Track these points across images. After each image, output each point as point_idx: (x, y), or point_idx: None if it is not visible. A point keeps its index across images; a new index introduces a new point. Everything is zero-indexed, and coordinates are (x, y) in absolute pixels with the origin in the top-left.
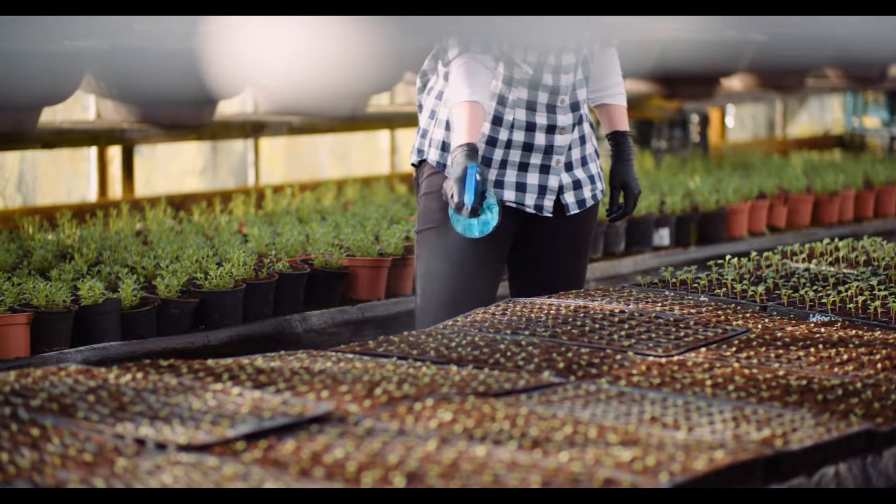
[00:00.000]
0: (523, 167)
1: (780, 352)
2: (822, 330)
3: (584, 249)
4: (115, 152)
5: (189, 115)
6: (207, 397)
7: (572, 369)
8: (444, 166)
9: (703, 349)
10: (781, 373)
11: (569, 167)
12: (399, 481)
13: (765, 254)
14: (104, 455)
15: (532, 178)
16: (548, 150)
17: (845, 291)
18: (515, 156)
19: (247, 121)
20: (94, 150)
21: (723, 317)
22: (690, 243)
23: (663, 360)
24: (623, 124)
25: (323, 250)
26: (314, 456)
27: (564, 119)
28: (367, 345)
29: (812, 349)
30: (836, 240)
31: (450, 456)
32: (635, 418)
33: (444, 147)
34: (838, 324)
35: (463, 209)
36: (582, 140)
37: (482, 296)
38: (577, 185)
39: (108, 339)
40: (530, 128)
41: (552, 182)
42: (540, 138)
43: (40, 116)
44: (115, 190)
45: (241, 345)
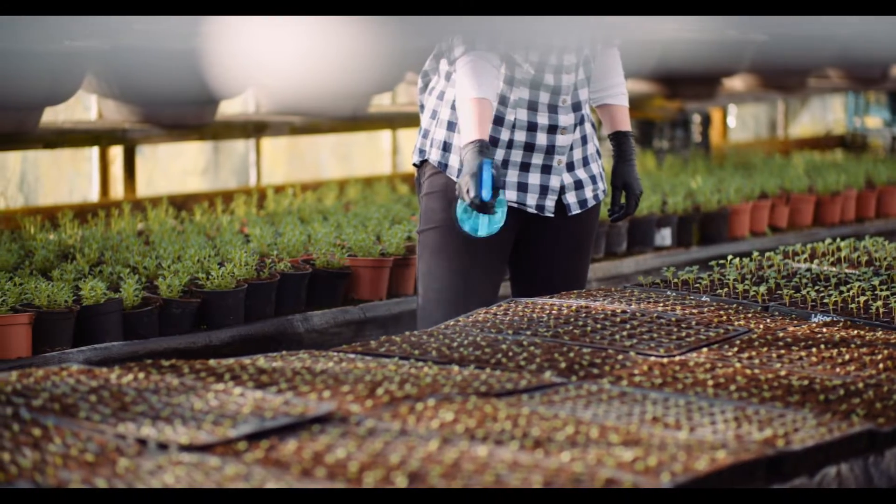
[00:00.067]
0: (525, 167)
1: (782, 352)
2: (824, 330)
3: (585, 249)
4: (116, 152)
5: (191, 115)
6: (209, 397)
7: (574, 369)
8: (445, 166)
9: (704, 349)
10: (783, 373)
11: (570, 167)
12: (401, 481)
13: (766, 254)
14: (106, 455)
15: (534, 179)
16: (549, 151)
17: (847, 291)
18: (517, 156)
19: (248, 121)
20: (95, 150)
21: (724, 317)
22: (692, 243)
23: (665, 360)
24: (625, 124)
25: (324, 250)
26: (316, 456)
27: (566, 119)
28: (368, 345)
29: (814, 349)
30: (837, 240)
31: (451, 456)
32: (637, 418)
33: (446, 147)
34: (840, 324)
35: (478, 204)
36: (584, 140)
37: (484, 296)
38: (579, 185)
39: (109, 340)
40: (532, 128)
41: (554, 182)
42: (541, 138)
43: (42, 116)
44: (117, 190)
45: (242, 345)
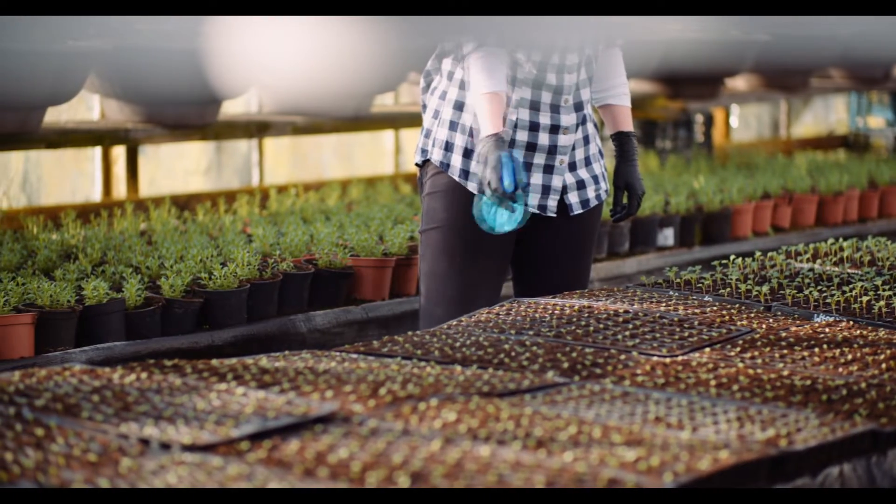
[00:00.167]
0: (527, 167)
1: (785, 352)
2: (827, 330)
3: (588, 249)
4: (119, 152)
5: (193, 115)
6: (212, 397)
7: (576, 369)
8: (447, 166)
9: (707, 349)
10: (786, 373)
11: (572, 167)
12: (403, 481)
13: (769, 254)
14: (108, 455)
15: (536, 178)
16: (551, 150)
17: (850, 291)
18: (519, 156)
19: (251, 121)
20: (98, 150)
21: (727, 317)
22: (695, 243)
23: (667, 360)
24: (627, 125)
25: (327, 250)
26: (318, 456)
27: (568, 119)
28: (371, 345)
29: (816, 349)
30: (840, 240)
31: (454, 456)
32: (639, 418)
33: (448, 147)
34: (843, 324)
35: (502, 196)
36: (586, 140)
37: (486, 296)
38: (581, 185)
39: (112, 339)
40: (534, 128)
41: (556, 182)
42: (543, 138)
43: (45, 116)
44: (120, 190)
45: (245, 345)
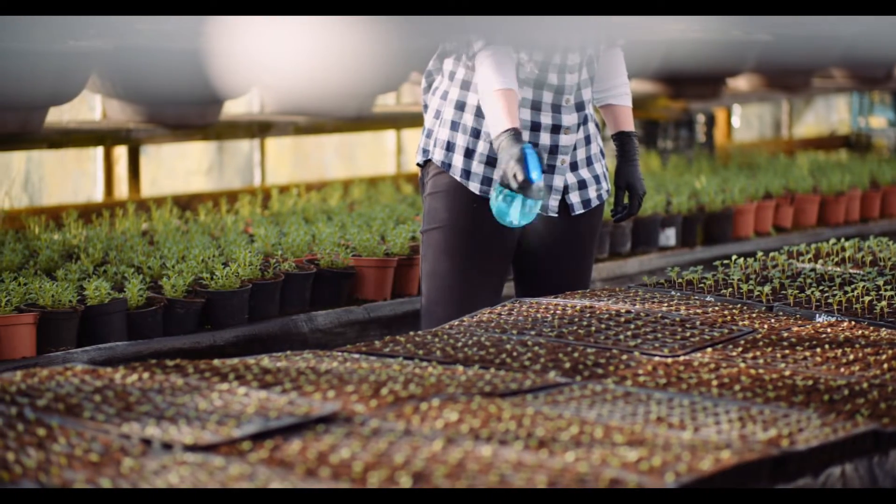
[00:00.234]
0: None
1: (787, 352)
2: (829, 330)
3: (589, 249)
4: (121, 152)
5: (195, 115)
6: (213, 397)
7: (578, 369)
8: (448, 166)
9: (709, 349)
10: (787, 373)
11: (574, 167)
12: (405, 481)
13: (771, 254)
14: (110, 455)
15: None
16: (553, 150)
17: (851, 291)
18: None
19: (253, 121)
20: (100, 150)
21: (729, 317)
22: (696, 243)
23: (669, 360)
24: (628, 125)
25: (329, 250)
26: (320, 456)
27: (569, 119)
28: (373, 345)
29: (818, 349)
30: (842, 240)
31: (456, 456)
32: (641, 418)
33: (449, 147)
34: (844, 324)
35: (527, 187)
36: (587, 140)
37: (488, 296)
38: (583, 185)
39: (114, 339)
40: (535, 127)
41: (557, 182)
42: (545, 138)
43: (46, 116)
44: (121, 190)
45: (247, 345)
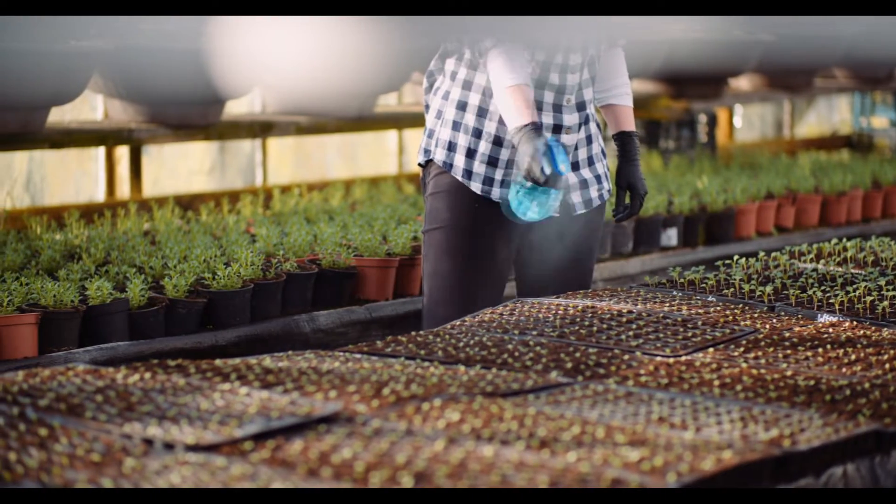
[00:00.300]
0: None
1: (788, 352)
2: (830, 330)
3: (591, 249)
4: (122, 152)
5: (197, 115)
6: (215, 397)
7: (580, 369)
8: (450, 166)
9: (710, 349)
10: (789, 373)
11: (575, 167)
12: (407, 481)
13: (773, 254)
14: (112, 455)
15: None
16: None
17: (853, 291)
18: None
19: (255, 121)
20: (102, 150)
21: (731, 317)
22: (698, 243)
23: (671, 360)
24: (629, 124)
25: (331, 250)
26: (322, 456)
27: (570, 119)
28: (374, 345)
29: (820, 349)
30: (844, 240)
31: (458, 456)
32: (643, 418)
33: (451, 147)
34: (846, 324)
35: (552, 180)
36: (588, 140)
37: (489, 296)
38: (584, 185)
39: (115, 339)
40: None
41: None
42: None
43: (48, 116)
44: (123, 190)
45: (248, 345)
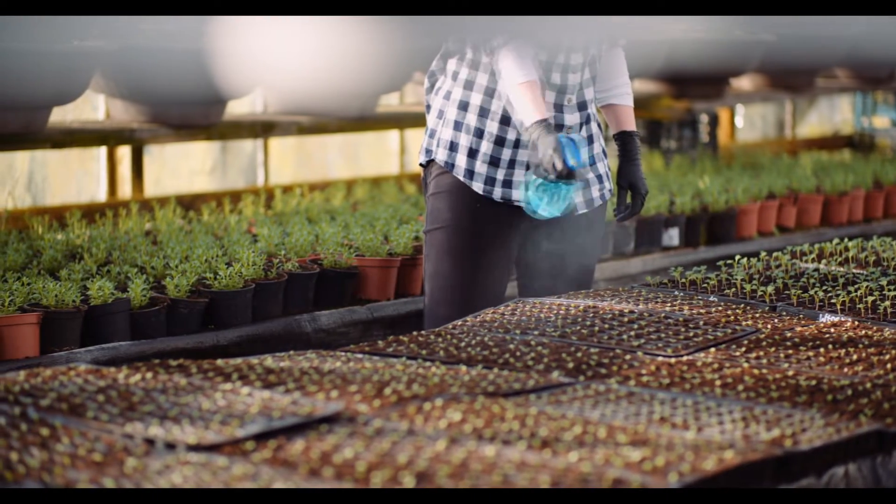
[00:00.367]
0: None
1: (790, 352)
2: (832, 330)
3: (592, 249)
4: (124, 152)
5: (198, 115)
6: (217, 397)
7: (582, 369)
8: (452, 166)
9: (712, 349)
10: (791, 373)
11: None
12: (408, 481)
13: (774, 254)
14: (114, 455)
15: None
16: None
17: (855, 291)
18: (524, 155)
19: (256, 121)
20: (103, 150)
21: (732, 317)
22: (700, 243)
23: (673, 360)
24: (630, 124)
25: (332, 250)
26: (323, 456)
27: (572, 118)
28: (376, 345)
29: (822, 349)
30: (845, 240)
31: (459, 456)
32: (645, 418)
33: (453, 147)
34: (848, 324)
35: (569, 173)
36: (589, 139)
37: (491, 296)
38: (586, 185)
39: (117, 339)
40: None
41: None
42: None
43: (50, 116)
44: (125, 190)
45: (250, 345)
